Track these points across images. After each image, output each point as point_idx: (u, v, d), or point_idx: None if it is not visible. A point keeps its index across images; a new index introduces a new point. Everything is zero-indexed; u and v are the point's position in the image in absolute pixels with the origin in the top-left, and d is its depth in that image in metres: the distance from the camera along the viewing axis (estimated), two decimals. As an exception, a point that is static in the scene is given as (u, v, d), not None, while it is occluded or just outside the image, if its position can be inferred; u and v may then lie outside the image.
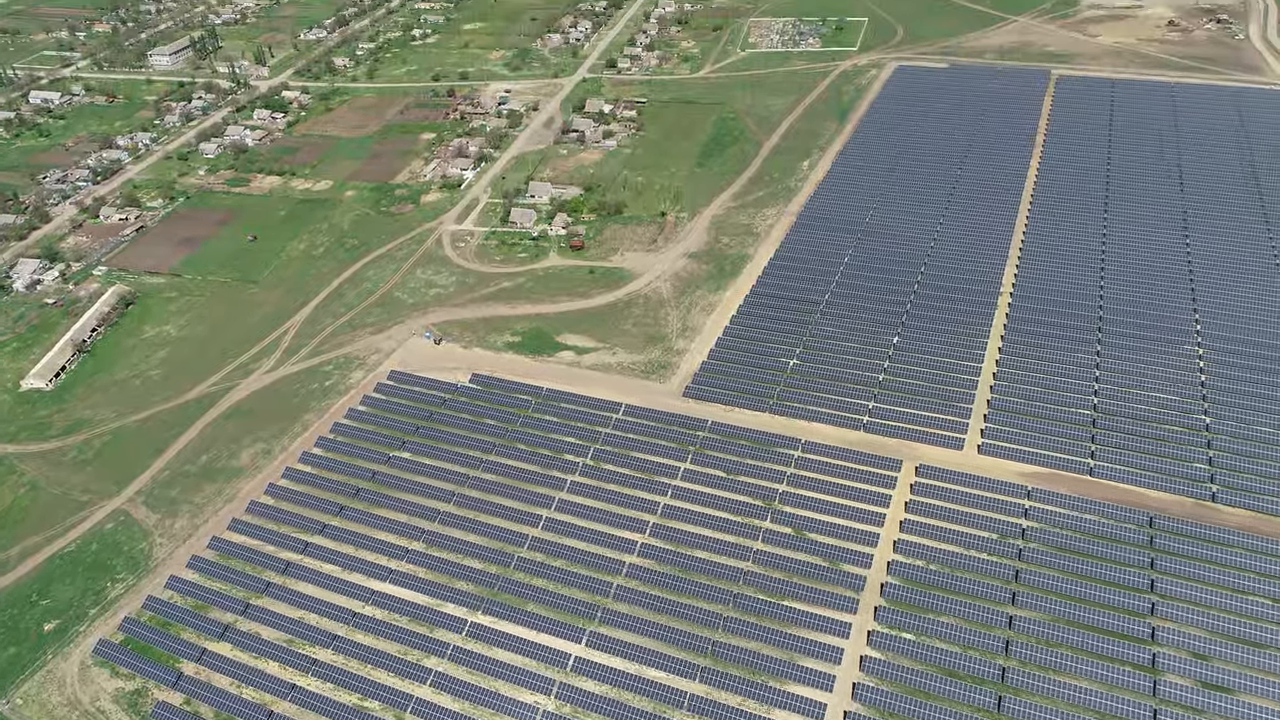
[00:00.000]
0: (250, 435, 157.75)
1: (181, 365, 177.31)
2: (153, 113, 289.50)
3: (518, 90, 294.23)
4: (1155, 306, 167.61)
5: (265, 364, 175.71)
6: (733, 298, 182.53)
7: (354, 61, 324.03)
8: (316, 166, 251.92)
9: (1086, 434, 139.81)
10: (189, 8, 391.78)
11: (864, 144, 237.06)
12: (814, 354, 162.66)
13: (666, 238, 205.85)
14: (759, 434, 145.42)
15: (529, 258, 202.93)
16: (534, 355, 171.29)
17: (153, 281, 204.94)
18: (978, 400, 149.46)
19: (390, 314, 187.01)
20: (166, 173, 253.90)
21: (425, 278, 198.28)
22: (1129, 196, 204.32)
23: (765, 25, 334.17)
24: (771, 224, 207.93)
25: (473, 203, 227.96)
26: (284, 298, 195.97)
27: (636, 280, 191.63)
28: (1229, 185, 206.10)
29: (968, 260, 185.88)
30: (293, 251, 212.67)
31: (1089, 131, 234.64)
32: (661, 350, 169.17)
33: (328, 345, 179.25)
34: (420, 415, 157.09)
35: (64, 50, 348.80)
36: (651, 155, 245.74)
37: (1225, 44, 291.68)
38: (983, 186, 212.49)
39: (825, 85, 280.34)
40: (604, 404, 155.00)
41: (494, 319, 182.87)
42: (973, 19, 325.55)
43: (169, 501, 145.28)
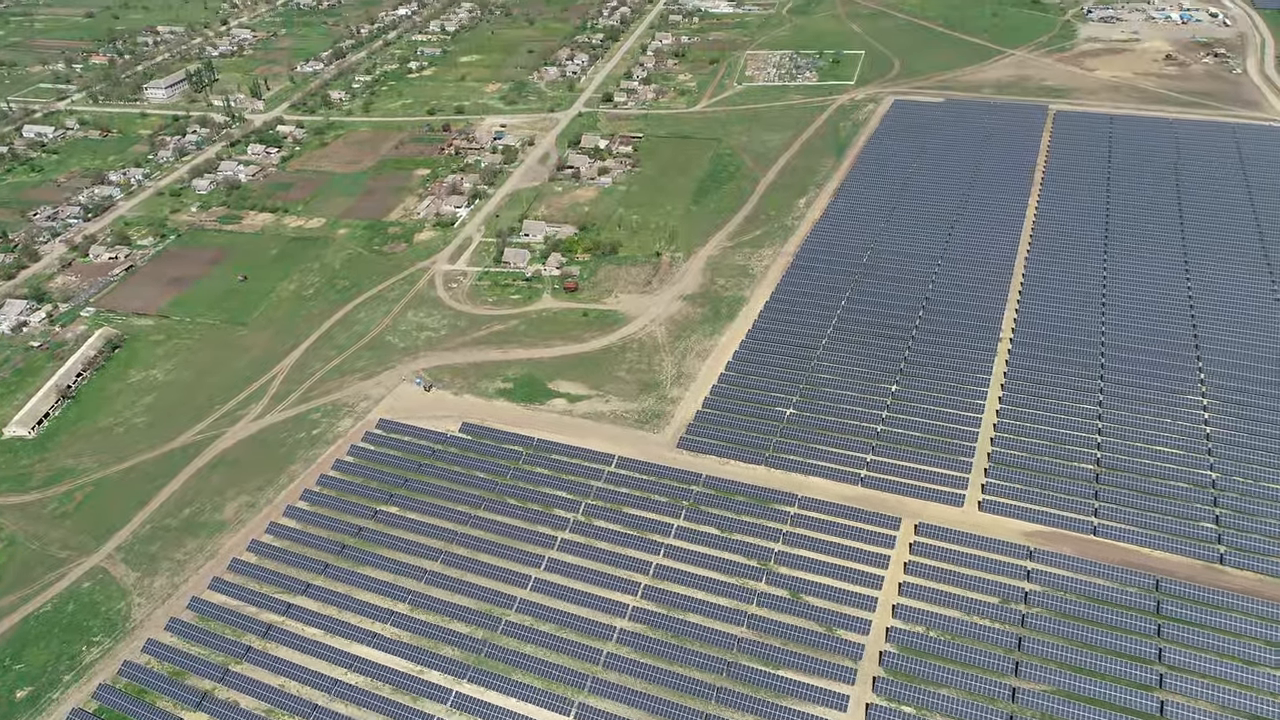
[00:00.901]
0: (235, 487, 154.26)
1: (167, 412, 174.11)
2: (147, 147, 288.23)
3: (513, 124, 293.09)
4: (1157, 353, 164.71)
5: (252, 411, 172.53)
6: (728, 343, 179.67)
7: (350, 95, 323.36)
8: (309, 203, 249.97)
9: (1089, 490, 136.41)
10: (186, 40, 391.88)
11: (861, 181, 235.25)
12: (811, 403, 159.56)
13: (661, 279, 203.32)
14: (754, 489, 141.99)
15: (522, 299, 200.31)
16: (526, 403, 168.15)
17: (140, 323, 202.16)
18: (978, 453, 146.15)
19: (380, 358, 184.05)
20: (158, 209, 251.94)
21: (416, 320, 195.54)
22: (1129, 236, 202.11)
23: (762, 59, 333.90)
24: (768, 265, 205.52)
25: (466, 242, 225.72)
26: (273, 340, 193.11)
27: (631, 324, 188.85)
28: (1230, 225, 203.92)
29: (967, 303, 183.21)
30: (283, 292, 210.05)
31: (1088, 168, 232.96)
32: (655, 398, 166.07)
33: (316, 391, 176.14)
34: (409, 467, 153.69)
35: (60, 83, 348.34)
36: (647, 192, 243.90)
37: (1223, 78, 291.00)
38: (981, 225, 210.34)
39: (822, 120, 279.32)
40: (596, 455, 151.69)
41: (485, 364, 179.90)
42: (969, 52, 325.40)
43: (149, 558, 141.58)
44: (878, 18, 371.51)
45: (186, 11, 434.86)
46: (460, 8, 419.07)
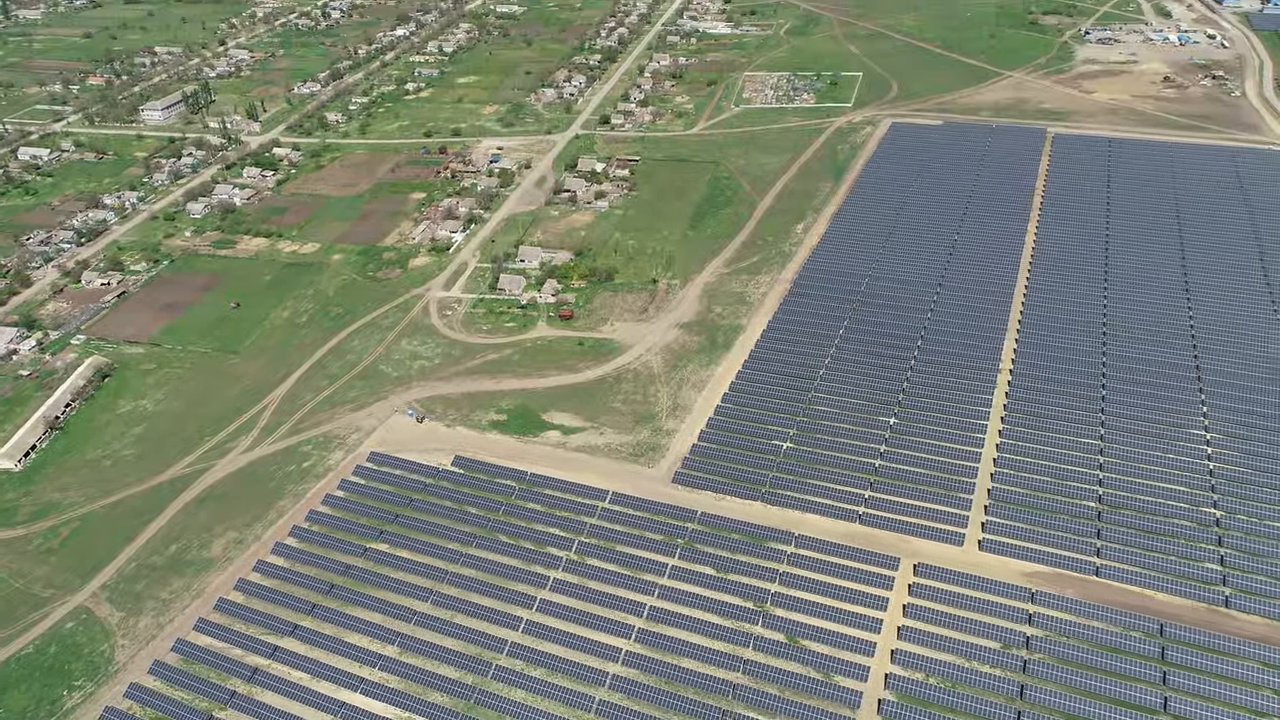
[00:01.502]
0: (222, 523, 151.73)
1: (156, 444, 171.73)
2: (142, 170, 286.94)
3: (510, 147, 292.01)
4: (1159, 383, 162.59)
5: (242, 443, 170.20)
6: (725, 373, 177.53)
7: (346, 116, 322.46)
8: (304, 227, 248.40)
9: (1091, 528, 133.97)
10: (184, 61, 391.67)
11: (859, 206, 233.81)
12: (808, 436, 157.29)
13: (658, 307, 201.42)
14: (750, 527, 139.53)
15: (517, 327, 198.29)
16: (519, 435, 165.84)
17: (131, 352, 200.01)
18: (978, 489, 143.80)
19: (373, 388, 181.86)
20: (152, 234, 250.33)
21: (410, 349, 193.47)
22: (1129, 262, 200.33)
23: (759, 80, 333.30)
24: (765, 292, 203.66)
25: (461, 267, 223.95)
26: (265, 369, 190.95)
27: (626, 353, 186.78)
28: (1230, 251, 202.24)
29: (966, 332, 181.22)
30: (276, 319, 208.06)
31: (1087, 193, 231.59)
32: (650, 431, 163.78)
33: (307, 423, 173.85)
34: (399, 502, 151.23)
35: (56, 104, 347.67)
36: (644, 217, 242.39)
37: (1222, 101, 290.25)
38: (980, 251, 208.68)
39: (820, 143, 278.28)
40: (590, 491, 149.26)
41: (479, 395, 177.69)
42: (967, 74, 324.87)
43: (134, 597, 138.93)
44: (875, 39, 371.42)
45: (184, 32, 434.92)
46: (458, 29, 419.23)
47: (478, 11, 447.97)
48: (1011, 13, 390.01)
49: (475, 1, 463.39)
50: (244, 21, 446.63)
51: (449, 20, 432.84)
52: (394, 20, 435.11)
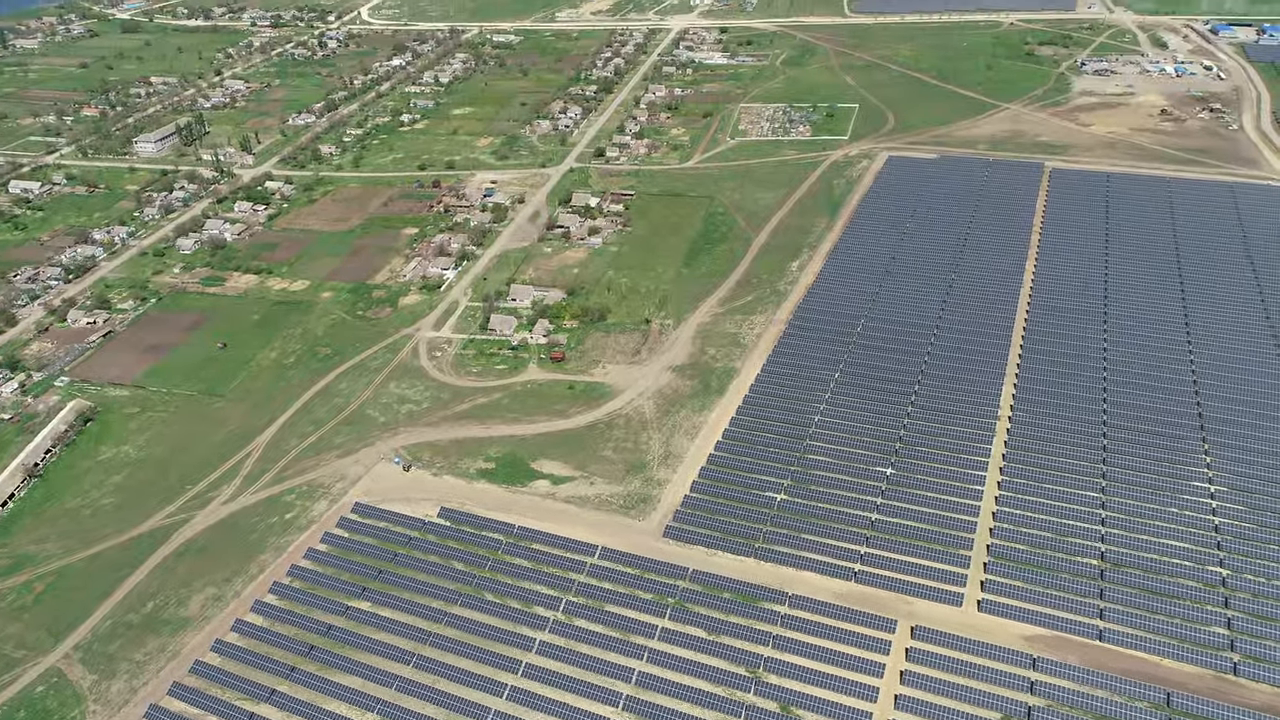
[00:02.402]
0: (202, 578, 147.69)
1: (136, 492, 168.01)
2: (133, 204, 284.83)
3: (504, 181, 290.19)
4: (1161, 433, 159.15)
5: (224, 491, 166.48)
6: (718, 419, 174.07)
7: (340, 149, 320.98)
8: (294, 264, 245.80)
9: (1094, 588, 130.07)
10: (179, 91, 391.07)
11: (855, 244, 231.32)
12: (802, 487, 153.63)
13: (650, 348, 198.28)
14: (743, 585, 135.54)
15: (507, 370, 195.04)
16: (507, 485, 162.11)
17: (115, 394, 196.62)
18: (976, 545, 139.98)
19: (359, 434, 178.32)
20: (141, 270, 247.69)
21: (398, 392, 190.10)
22: (1129, 304, 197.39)
23: (755, 112, 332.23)
24: (759, 333, 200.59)
25: (452, 306, 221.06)
26: (250, 414, 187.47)
27: (618, 398, 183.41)
28: (1232, 293, 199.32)
29: (964, 376, 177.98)
30: (263, 361, 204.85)
31: (1085, 231, 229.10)
32: (641, 481, 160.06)
33: (291, 471, 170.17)
34: (383, 557, 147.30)
35: (50, 135, 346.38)
36: (638, 254, 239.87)
37: (1220, 134, 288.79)
38: (978, 292, 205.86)
39: (816, 177, 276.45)
40: (579, 546, 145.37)
41: (467, 441, 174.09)
42: (963, 106, 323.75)
43: (107, 658, 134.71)
44: (871, 69, 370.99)
45: (181, 62, 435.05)
46: (454, 59, 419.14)
47: (474, 41, 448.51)
48: (1007, 43, 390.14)
49: (472, 31, 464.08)
50: (240, 51, 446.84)
51: (445, 50, 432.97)
52: (390, 50, 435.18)
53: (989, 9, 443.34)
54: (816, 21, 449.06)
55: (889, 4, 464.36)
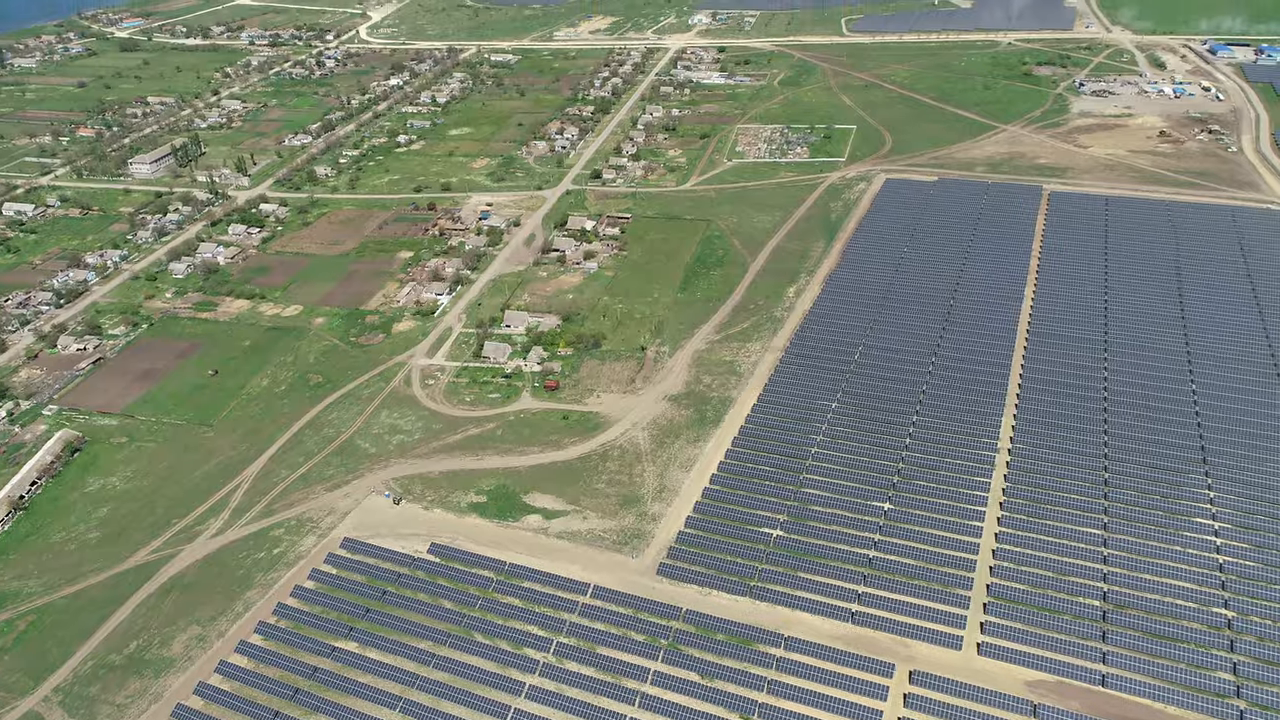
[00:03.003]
0: (186, 616, 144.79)
1: (123, 526, 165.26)
2: (126, 226, 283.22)
3: (500, 203, 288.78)
4: (1163, 466, 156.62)
5: (211, 525, 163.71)
6: (713, 450, 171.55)
7: (336, 170, 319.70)
8: (287, 289, 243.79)
9: (1096, 630, 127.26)
10: (176, 111, 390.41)
11: (852, 270, 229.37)
12: (799, 523, 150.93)
13: (646, 377, 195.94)
14: (738, 627, 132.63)
15: (501, 399, 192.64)
16: (499, 520, 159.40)
17: (103, 424, 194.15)
18: (976, 584, 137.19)
19: (350, 465, 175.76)
20: (133, 295, 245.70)
21: (390, 422, 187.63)
22: (1129, 333, 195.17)
23: (753, 133, 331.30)
24: (756, 361, 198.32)
25: (446, 333, 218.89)
26: (239, 444, 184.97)
27: (613, 428, 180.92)
28: (1234, 322, 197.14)
29: (962, 407, 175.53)
30: (254, 389, 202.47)
31: (1084, 257, 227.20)
32: (635, 516, 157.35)
33: (280, 504, 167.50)
34: (372, 595, 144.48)
35: (45, 156, 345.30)
36: (634, 279, 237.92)
37: (1218, 156, 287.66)
38: (976, 320, 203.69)
39: (813, 199, 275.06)
40: (571, 584, 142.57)
41: (459, 473, 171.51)
42: (961, 128, 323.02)
43: (88, 702, 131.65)
44: (869, 90, 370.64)
45: (179, 81, 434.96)
46: (452, 78, 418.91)
47: (472, 61, 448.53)
48: (1005, 63, 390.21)
49: (470, 50, 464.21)
50: (238, 71, 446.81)
51: (443, 70, 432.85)
52: (388, 70, 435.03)
53: (986, 29, 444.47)
54: (814, 41, 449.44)
55: (887, 24, 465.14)
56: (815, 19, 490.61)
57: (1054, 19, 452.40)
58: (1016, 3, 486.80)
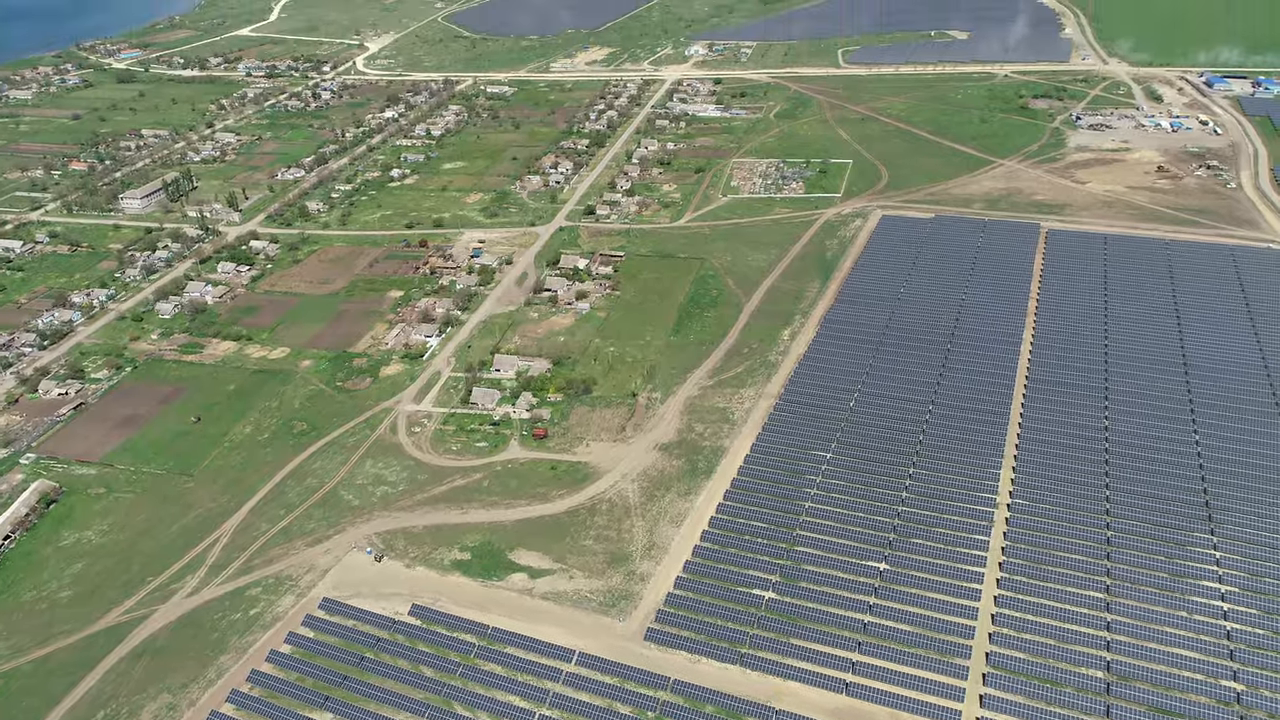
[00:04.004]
0: (157, 683, 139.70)
1: (96, 584, 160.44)
2: (115, 264, 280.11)
3: (492, 240, 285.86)
4: (1167, 524, 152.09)
5: (187, 583, 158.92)
6: (705, 504, 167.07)
7: (328, 205, 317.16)
8: (275, 330, 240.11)
9: (1100, 704, 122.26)
10: (169, 144, 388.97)
11: (848, 311, 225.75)
12: (791, 585, 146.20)
13: (636, 425, 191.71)
14: (727, 699, 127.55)
15: (488, 448, 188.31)
16: (483, 579, 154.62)
17: (81, 473, 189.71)
18: (975, 652, 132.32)
19: (332, 519, 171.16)
20: (118, 336, 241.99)
21: (374, 472, 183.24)
22: (1130, 381, 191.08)
23: (748, 167, 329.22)
24: (749, 408, 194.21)
25: (434, 377, 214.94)
26: (220, 495, 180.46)
27: (602, 479, 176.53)
28: (1237, 366, 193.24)
29: (960, 460, 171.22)
30: (237, 436, 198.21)
31: (1083, 299, 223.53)
32: (623, 575, 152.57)
33: (259, 560, 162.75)
34: (349, 661, 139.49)
35: (36, 190, 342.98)
36: (626, 320, 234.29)
37: (1217, 193, 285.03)
38: (973, 364, 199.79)
39: (808, 237, 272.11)
40: (556, 650, 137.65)
41: (443, 528, 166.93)
42: (958, 162, 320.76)
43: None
44: (865, 123, 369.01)
45: (174, 113, 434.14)
46: (447, 110, 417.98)
47: (467, 93, 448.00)
48: (1002, 96, 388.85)
49: (466, 82, 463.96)
50: (233, 103, 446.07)
51: (439, 102, 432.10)
52: (384, 102, 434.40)
53: (983, 60, 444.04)
54: (810, 72, 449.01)
55: (883, 55, 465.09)
56: (812, 50, 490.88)
57: (1050, 51, 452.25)
58: (1013, 34, 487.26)
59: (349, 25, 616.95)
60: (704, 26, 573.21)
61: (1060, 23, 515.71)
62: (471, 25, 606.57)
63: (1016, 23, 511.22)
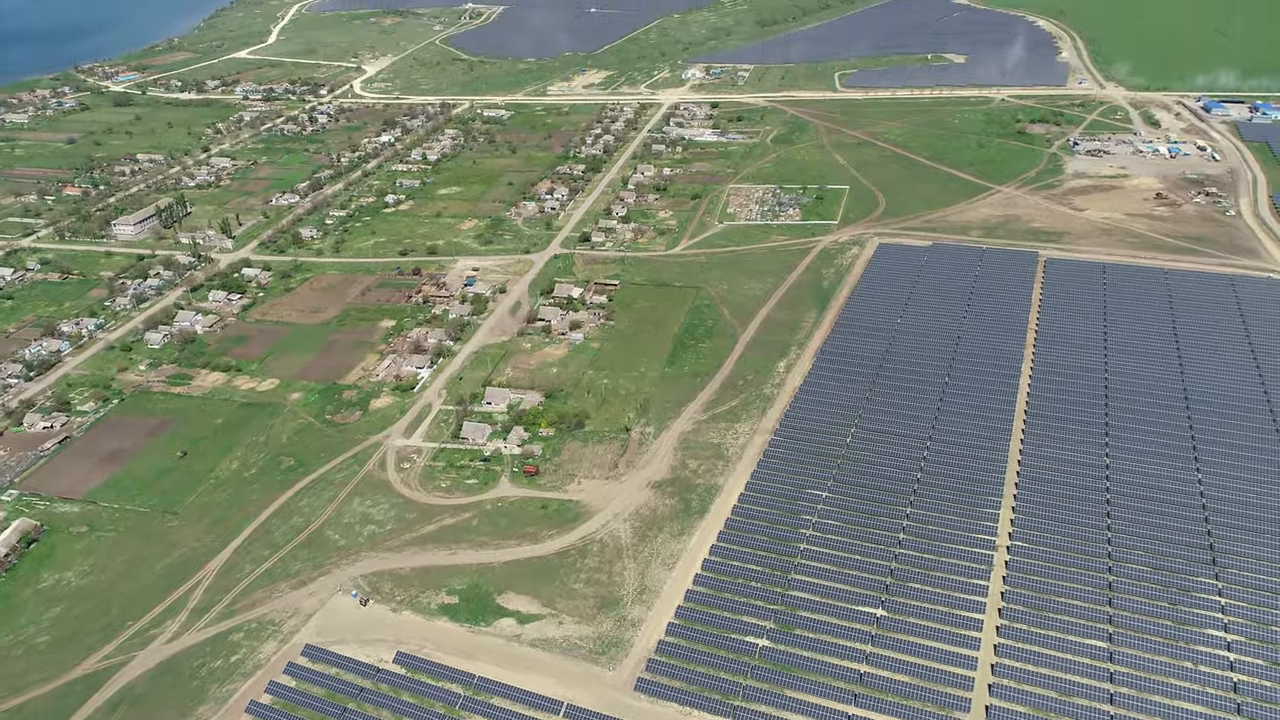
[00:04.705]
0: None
1: (75, 628, 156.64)
2: (105, 292, 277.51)
3: (486, 268, 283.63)
4: (1170, 568, 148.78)
5: (168, 628, 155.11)
6: (698, 546, 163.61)
7: (321, 232, 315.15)
8: (264, 361, 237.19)
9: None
10: (165, 169, 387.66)
11: (844, 342, 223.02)
12: (786, 632, 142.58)
13: (629, 461, 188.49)
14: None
15: (478, 485, 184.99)
16: (470, 624, 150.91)
17: (64, 510, 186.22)
18: (974, 705, 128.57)
19: (317, 559, 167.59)
20: (106, 366, 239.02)
21: (362, 511, 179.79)
22: (1131, 414, 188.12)
23: (744, 194, 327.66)
24: (744, 444, 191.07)
25: (425, 410, 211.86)
26: (204, 534, 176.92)
27: (593, 519, 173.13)
28: (1239, 401, 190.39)
29: (959, 498, 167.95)
30: (223, 472, 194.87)
31: (1082, 330, 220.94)
32: (614, 621, 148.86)
33: (241, 603, 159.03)
34: (331, 712, 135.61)
35: (29, 216, 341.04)
36: (620, 351, 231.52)
37: (1216, 220, 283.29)
38: (972, 399, 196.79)
39: (805, 265, 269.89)
40: (544, 702, 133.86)
41: (431, 570, 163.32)
42: (955, 188, 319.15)
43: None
44: (862, 147, 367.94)
45: (170, 137, 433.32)
46: (443, 135, 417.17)
47: (464, 116, 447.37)
48: (999, 120, 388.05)
49: (463, 106, 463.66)
50: (230, 127, 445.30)
51: (435, 125, 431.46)
52: (380, 125, 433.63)
53: (980, 84, 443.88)
54: (807, 96, 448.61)
55: (880, 79, 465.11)
56: (809, 73, 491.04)
57: (1047, 75, 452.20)
58: (1010, 58, 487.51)
59: (347, 48, 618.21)
60: (702, 49, 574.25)
61: (1057, 46, 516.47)
62: (469, 48, 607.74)
63: (1013, 46, 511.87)
